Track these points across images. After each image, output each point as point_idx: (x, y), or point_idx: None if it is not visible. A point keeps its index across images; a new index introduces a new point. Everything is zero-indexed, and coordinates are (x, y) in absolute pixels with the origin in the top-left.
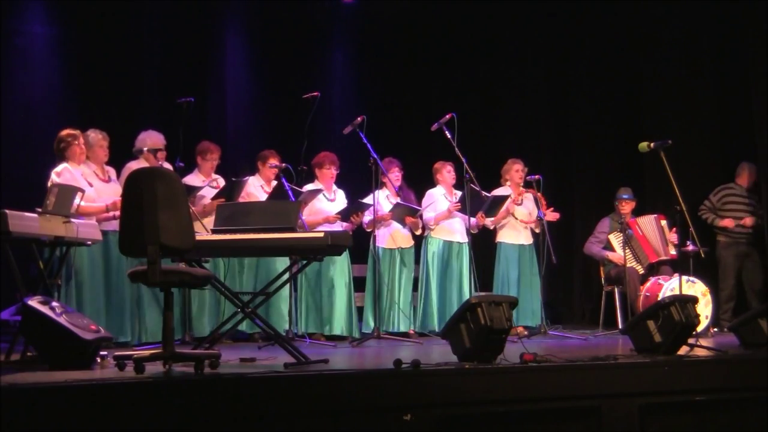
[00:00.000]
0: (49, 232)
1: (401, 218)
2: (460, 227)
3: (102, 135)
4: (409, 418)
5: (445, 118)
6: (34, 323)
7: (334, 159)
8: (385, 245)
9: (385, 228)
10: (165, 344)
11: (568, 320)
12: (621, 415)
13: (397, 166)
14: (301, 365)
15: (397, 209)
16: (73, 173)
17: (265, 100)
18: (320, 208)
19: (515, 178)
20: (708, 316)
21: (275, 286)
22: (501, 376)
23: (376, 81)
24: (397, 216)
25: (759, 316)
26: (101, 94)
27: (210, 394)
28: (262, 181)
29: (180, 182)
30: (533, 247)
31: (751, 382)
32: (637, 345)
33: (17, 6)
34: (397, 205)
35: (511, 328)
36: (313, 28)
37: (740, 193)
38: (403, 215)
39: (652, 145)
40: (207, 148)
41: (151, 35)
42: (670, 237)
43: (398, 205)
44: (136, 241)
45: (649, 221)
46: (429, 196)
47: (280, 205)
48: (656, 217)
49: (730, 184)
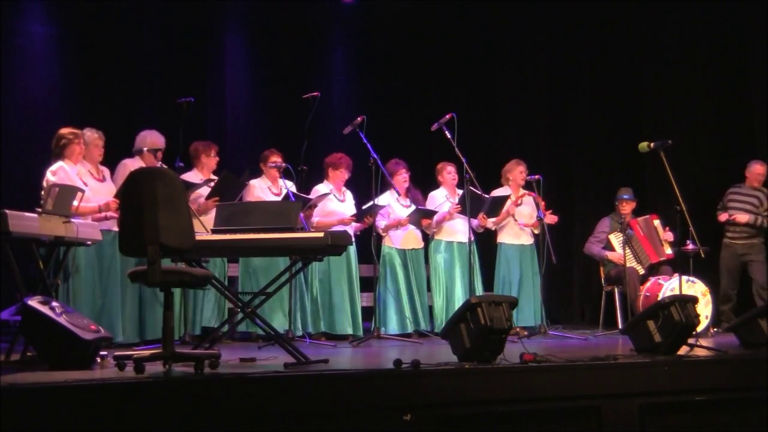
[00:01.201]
0: (49, 232)
1: (418, 222)
2: (463, 228)
3: (98, 134)
4: (409, 418)
5: (445, 118)
6: (34, 323)
7: (350, 164)
8: (398, 246)
9: (398, 230)
10: (165, 344)
11: (568, 320)
12: (621, 415)
13: (404, 167)
14: (301, 365)
15: (415, 214)
16: (68, 172)
17: (265, 100)
18: (333, 210)
19: (518, 180)
20: (708, 316)
21: (275, 286)
22: (501, 376)
23: (376, 81)
24: (415, 220)
25: (759, 316)
26: (101, 94)
27: (210, 394)
28: (268, 182)
29: (180, 182)
30: (534, 247)
31: (751, 382)
32: (637, 345)
33: (17, 6)
34: (416, 210)
35: (511, 328)
36: (313, 28)
37: (745, 192)
38: (420, 219)
39: (652, 145)
40: (206, 145)
41: (151, 35)
42: (664, 236)
43: (417, 210)
44: (136, 241)
45: (644, 221)
46: (431, 198)
47: (280, 205)
48: (648, 217)
49: (740, 183)
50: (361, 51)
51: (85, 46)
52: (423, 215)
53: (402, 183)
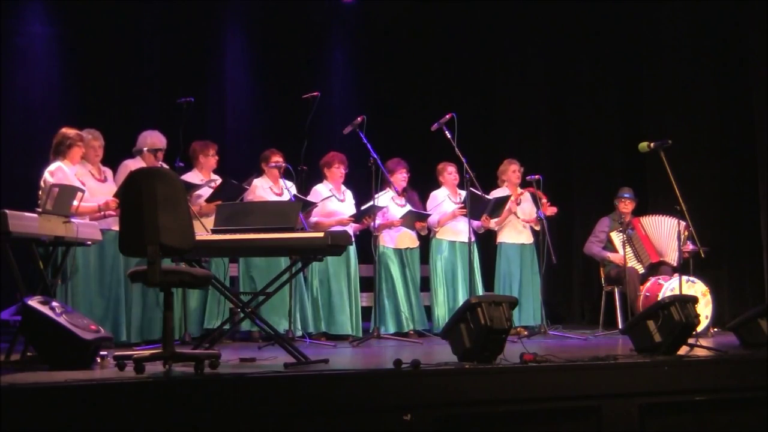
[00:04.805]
0: (49, 232)
1: (411, 224)
2: (464, 228)
3: (95, 135)
4: (409, 418)
5: (445, 118)
6: (34, 323)
7: (343, 158)
8: (393, 245)
9: (392, 230)
10: (165, 344)
11: (568, 320)
12: (621, 415)
13: (404, 167)
14: (301, 365)
15: (408, 216)
16: (66, 173)
17: (265, 100)
18: (332, 210)
19: (513, 179)
20: (708, 316)
21: (275, 286)
22: (501, 376)
23: (376, 81)
24: (408, 223)
25: (759, 316)
26: (101, 94)
27: (210, 394)
28: (270, 182)
29: (180, 182)
30: (534, 247)
31: (751, 382)
32: (637, 345)
33: (17, 6)
34: (409, 212)
35: (511, 328)
36: (313, 28)
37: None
38: (413, 221)
39: (652, 145)
40: (205, 145)
41: (151, 35)
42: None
43: (410, 212)
44: (136, 241)
45: (666, 223)
46: (433, 197)
47: (280, 205)
48: (678, 221)
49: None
50: (361, 51)
51: (85, 46)
52: (416, 218)
53: (400, 182)
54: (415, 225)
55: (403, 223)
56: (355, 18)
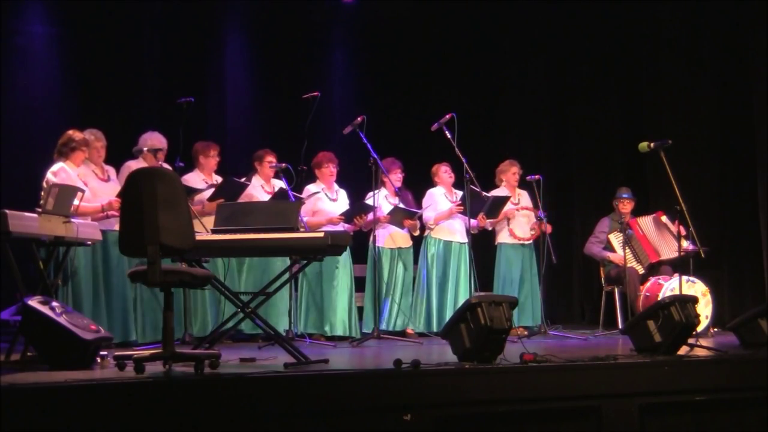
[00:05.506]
0: (49, 232)
1: (399, 222)
2: (459, 227)
3: (98, 135)
4: (409, 418)
5: (445, 118)
6: (34, 323)
7: (332, 157)
8: (384, 245)
9: (383, 229)
10: (165, 344)
11: (568, 320)
12: (621, 415)
13: (399, 167)
14: (301, 365)
15: (395, 213)
16: (69, 173)
17: (265, 100)
18: (323, 209)
19: (511, 181)
20: (708, 316)
21: (275, 286)
22: (501, 376)
23: (376, 81)
24: (395, 220)
25: (759, 316)
26: (101, 94)
27: (210, 394)
28: (261, 180)
29: (180, 182)
30: (533, 247)
31: (751, 382)
32: (637, 345)
33: (17, 6)
34: (395, 209)
35: (511, 328)
36: (313, 28)
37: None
38: (401, 219)
39: (652, 145)
40: (207, 145)
41: (151, 35)
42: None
43: (396, 209)
44: (136, 241)
45: (650, 221)
46: (429, 195)
47: (280, 205)
48: (655, 216)
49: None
50: (361, 51)
51: (85, 46)
52: (404, 215)
53: (395, 181)
54: (405, 223)
55: (390, 219)
56: (355, 18)
